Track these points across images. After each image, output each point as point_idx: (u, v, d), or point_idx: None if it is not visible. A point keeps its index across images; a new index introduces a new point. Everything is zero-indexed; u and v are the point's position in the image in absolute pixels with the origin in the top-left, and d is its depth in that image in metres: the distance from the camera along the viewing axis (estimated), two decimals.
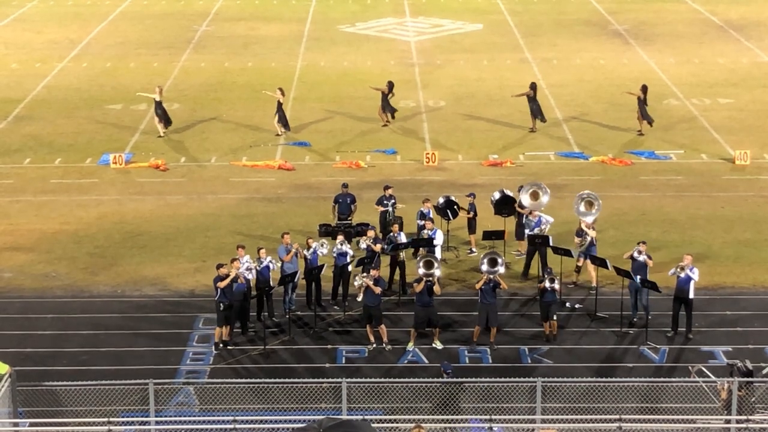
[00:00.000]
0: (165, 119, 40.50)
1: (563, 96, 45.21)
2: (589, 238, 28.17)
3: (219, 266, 25.47)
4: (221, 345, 25.27)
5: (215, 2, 63.88)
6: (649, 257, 26.29)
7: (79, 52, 52.90)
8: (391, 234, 28.73)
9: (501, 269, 25.50)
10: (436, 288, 25.29)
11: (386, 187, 31.01)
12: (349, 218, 30.52)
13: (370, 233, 28.04)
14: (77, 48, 53.52)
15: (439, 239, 28.58)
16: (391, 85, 41.62)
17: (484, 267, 25.45)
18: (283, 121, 40.66)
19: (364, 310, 25.61)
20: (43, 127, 41.86)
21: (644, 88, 40.18)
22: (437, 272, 25.42)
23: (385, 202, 30.66)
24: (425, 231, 28.62)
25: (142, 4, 63.67)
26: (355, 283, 25.85)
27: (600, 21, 59.20)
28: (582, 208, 28.85)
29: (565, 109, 43.51)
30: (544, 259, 28.24)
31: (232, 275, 25.21)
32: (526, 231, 29.02)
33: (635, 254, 26.34)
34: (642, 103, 40.06)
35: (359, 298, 26.45)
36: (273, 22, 59.10)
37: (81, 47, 53.71)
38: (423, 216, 29.33)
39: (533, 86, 40.79)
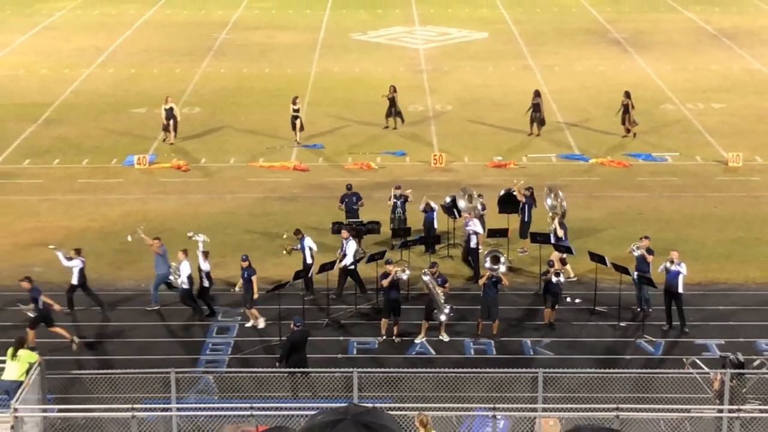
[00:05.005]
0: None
1: (564, 101, 45.14)
2: (557, 220, 28.24)
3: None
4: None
5: (234, 12, 63.96)
6: (649, 252, 26.10)
7: (105, 58, 53.00)
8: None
9: (503, 267, 25.52)
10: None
11: (396, 187, 31.06)
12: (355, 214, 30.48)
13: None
14: (103, 55, 53.62)
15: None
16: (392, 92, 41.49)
17: (487, 264, 25.56)
18: (299, 128, 40.19)
19: (389, 303, 25.37)
20: (71, 129, 41.94)
21: (627, 94, 40.20)
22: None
23: (394, 201, 30.67)
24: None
25: (165, 14, 63.76)
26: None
27: (600, 30, 59.11)
28: (549, 201, 29.33)
29: (566, 114, 43.44)
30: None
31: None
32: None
33: (633, 249, 26.34)
34: (628, 108, 40.01)
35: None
36: (289, 30, 59.13)
37: (107, 54, 53.80)
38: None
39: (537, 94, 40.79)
